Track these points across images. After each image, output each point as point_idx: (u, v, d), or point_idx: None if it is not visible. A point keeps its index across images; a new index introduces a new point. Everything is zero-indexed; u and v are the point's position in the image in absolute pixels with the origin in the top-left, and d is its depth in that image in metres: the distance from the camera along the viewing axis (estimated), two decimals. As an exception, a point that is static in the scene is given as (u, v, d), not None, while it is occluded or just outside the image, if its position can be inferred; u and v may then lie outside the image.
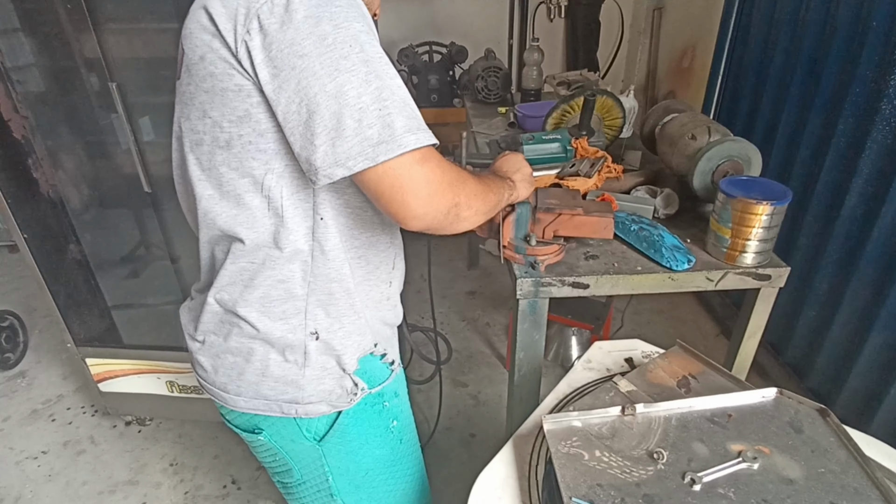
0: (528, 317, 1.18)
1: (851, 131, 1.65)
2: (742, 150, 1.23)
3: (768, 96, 2.03)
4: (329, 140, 0.64)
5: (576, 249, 1.21)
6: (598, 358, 1.09)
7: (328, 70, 0.62)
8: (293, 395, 0.82)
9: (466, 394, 2.16)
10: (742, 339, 1.25)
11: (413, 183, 0.67)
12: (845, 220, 1.69)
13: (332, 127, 0.64)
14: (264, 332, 0.79)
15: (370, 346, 0.88)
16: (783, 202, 1.07)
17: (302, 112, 0.64)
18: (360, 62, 0.64)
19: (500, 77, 2.37)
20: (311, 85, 0.63)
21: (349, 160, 0.65)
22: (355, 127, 0.63)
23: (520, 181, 1.02)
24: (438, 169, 0.69)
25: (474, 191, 0.77)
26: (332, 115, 0.63)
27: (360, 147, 0.64)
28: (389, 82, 0.65)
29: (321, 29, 0.63)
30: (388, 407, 0.93)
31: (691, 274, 1.14)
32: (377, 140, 0.64)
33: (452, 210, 0.72)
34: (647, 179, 1.46)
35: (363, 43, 0.65)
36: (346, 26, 0.64)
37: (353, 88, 0.63)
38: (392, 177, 0.66)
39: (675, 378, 0.93)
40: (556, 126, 1.66)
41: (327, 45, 0.63)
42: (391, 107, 0.64)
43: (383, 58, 0.66)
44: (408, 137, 0.65)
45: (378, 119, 0.64)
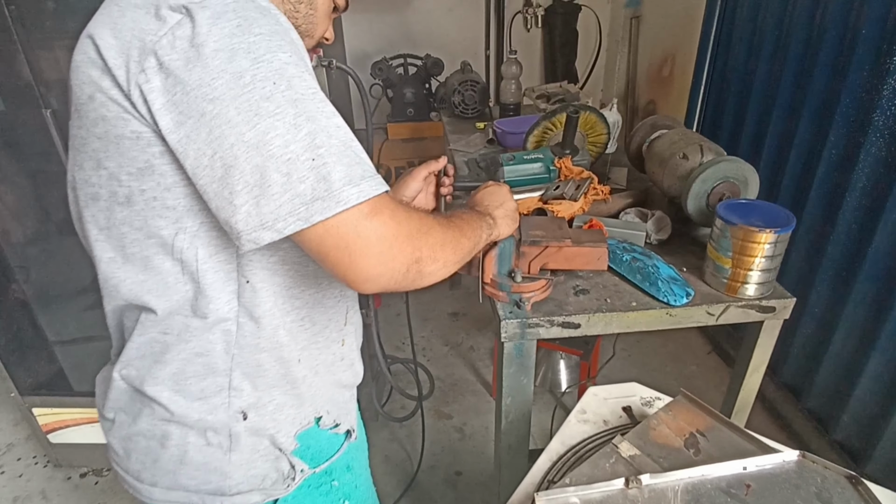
0: (514, 360, 1.07)
1: (844, 143, 1.58)
2: (738, 170, 1.14)
3: (754, 106, 1.96)
4: (252, 199, 0.54)
5: (564, 283, 1.11)
6: (593, 407, 0.98)
7: (247, 115, 0.52)
8: (218, 484, 0.70)
9: (451, 427, 2.04)
10: (745, 373, 1.16)
11: (362, 241, 0.57)
12: (840, 235, 1.62)
13: (255, 183, 0.53)
14: (179, 414, 0.67)
15: (313, 419, 0.76)
16: (787, 229, 0.98)
17: (216, 167, 0.53)
18: (286, 102, 0.53)
19: (478, 91, 2.27)
20: (225, 135, 0.52)
21: (278, 221, 0.54)
22: (283, 182, 0.53)
23: (501, 217, 0.91)
24: (393, 221, 0.59)
25: (441, 240, 0.66)
26: (254, 169, 0.53)
27: (291, 206, 0.54)
28: (325, 123, 0.55)
29: (237, 64, 0.52)
30: (336, 486, 0.81)
31: (690, 309, 1.04)
32: (311, 196, 0.54)
33: (413, 267, 0.61)
34: (636, 201, 1.37)
35: (290, 78, 0.54)
36: (269, 59, 0.53)
37: (278, 136, 0.53)
38: (335, 236, 0.56)
39: (682, 436, 0.82)
40: (537, 144, 1.56)
41: (244, 85, 0.52)
42: (327, 154, 0.54)
43: (317, 94, 0.56)
44: (348, 191, 0.55)
45: (311, 171, 0.54)
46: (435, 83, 2.85)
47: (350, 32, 2.98)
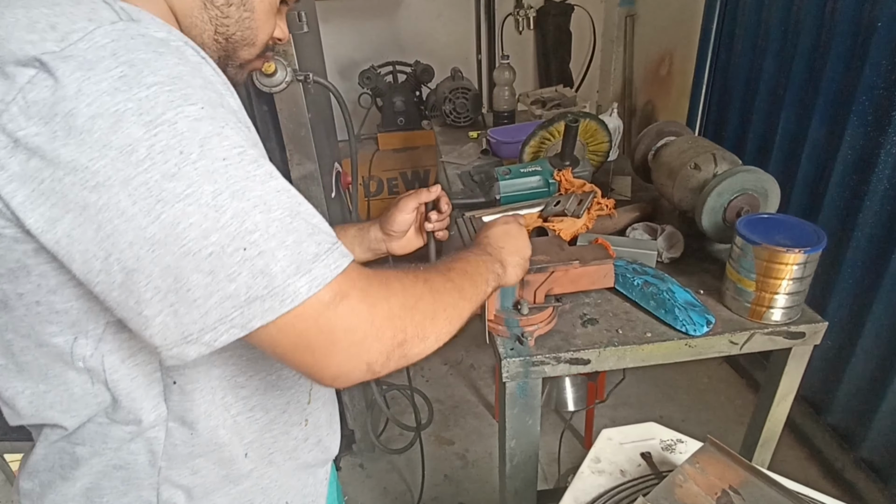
0: (517, 400, 0.97)
1: (861, 144, 1.48)
2: (757, 182, 1.04)
3: (760, 106, 1.86)
4: (167, 308, 0.42)
5: (570, 313, 1.00)
6: (607, 455, 0.88)
7: (146, 203, 0.40)
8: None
9: (453, 453, 1.93)
10: (772, 403, 1.06)
11: (325, 337, 0.45)
12: (860, 242, 1.52)
13: (169, 288, 0.41)
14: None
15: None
16: (817, 248, 0.88)
17: (113, 271, 0.41)
18: (201, 177, 0.41)
19: (470, 98, 2.17)
20: (120, 231, 0.40)
21: (205, 333, 0.42)
22: (207, 284, 0.41)
23: (513, 266, 0.77)
24: (364, 304, 0.47)
25: (431, 311, 0.54)
26: (165, 271, 0.41)
27: (221, 311, 0.42)
28: (259, 194, 0.43)
29: (125, 134, 0.39)
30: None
31: (711, 338, 0.94)
32: (246, 297, 0.42)
33: (396, 352, 0.50)
34: (643, 214, 1.27)
35: (204, 141, 0.41)
36: (171, 119, 0.40)
37: (193, 225, 0.40)
38: (290, 335, 0.45)
39: (714, 494, 0.72)
40: (534, 156, 1.46)
41: (138, 162, 0.39)
42: (264, 239, 0.42)
43: (244, 153, 0.43)
44: (296, 283, 0.43)
45: (243, 264, 0.42)
46: (426, 91, 2.76)
47: (335, 40, 2.88)
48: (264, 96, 1.30)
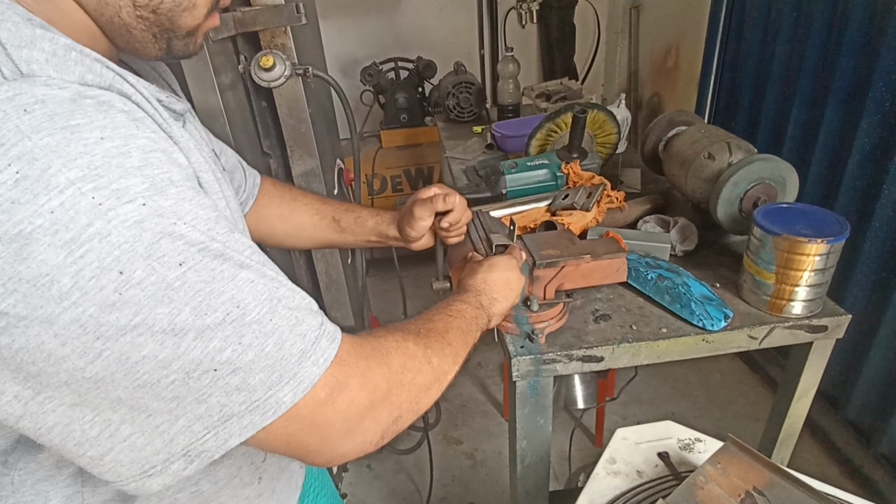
0: (528, 400, 0.94)
1: (878, 131, 1.44)
2: (774, 170, 1.00)
3: (772, 94, 1.82)
4: (120, 443, 0.36)
5: (582, 308, 0.97)
6: (623, 455, 0.85)
7: (79, 343, 0.33)
8: None
9: (461, 453, 1.90)
10: (792, 400, 1.02)
11: (320, 433, 0.42)
12: (878, 231, 1.48)
13: (122, 420, 0.36)
14: None
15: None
16: (840, 238, 0.85)
17: (45, 412, 0.35)
18: (152, 298, 0.33)
19: (473, 93, 2.14)
20: (48, 374, 0.33)
21: (171, 462, 0.38)
22: (171, 409, 0.36)
23: (497, 317, 0.73)
24: (363, 392, 0.44)
25: (426, 382, 0.51)
26: (114, 404, 0.35)
27: (190, 436, 0.37)
28: (228, 296, 0.36)
29: (37, 262, 0.31)
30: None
31: (729, 333, 0.90)
32: (220, 416, 0.37)
33: (391, 428, 0.47)
34: (654, 206, 1.23)
35: (151, 245, 0.33)
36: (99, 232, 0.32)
37: (147, 358, 0.34)
38: (282, 437, 0.41)
39: (737, 496, 0.68)
40: (541, 149, 1.43)
41: (61, 298, 0.32)
42: (236, 355, 0.36)
43: (206, 247, 0.36)
44: (279, 393, 0.38)
45: (214, 385, 0.36)
46: (428, 87, 2.73)
47: (336, 37, 2.85)
48: (263, 91, 1.27)
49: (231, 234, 0.39)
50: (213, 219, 0.38)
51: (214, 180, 0.46)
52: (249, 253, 0.40)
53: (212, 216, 0.38)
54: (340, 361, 0.43)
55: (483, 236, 0.88)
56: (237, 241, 0.39)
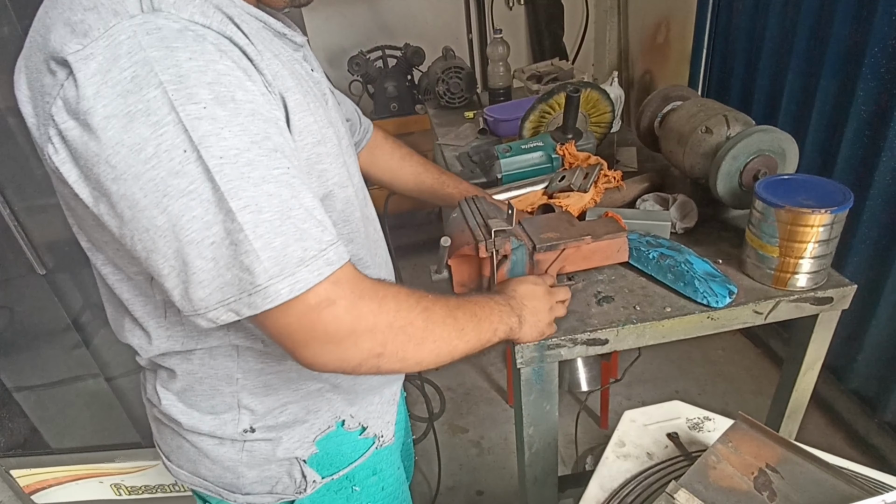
0: (534, 387, 0.92)
1: (875, 98, 1.42)
2: (774, 142, 0.98)
3: (766, 66, 1.79)
4: (181, 284, 0.48)
5: (583, 291, 0.96)
6: (632, 437, 0.84)
7: (154, 197, 0.45)
8: (232, 481, 0.70)
9: (468, 441, 1.90)
10: (798, 373, 1.01)
11: (305, 333, 0.51)
12: (876, 199, 1.46)
13: (180, 269, 0.47)
14: (190, 426, 0.68)
15: (335, 424, 0.74)
16: (844, 207, 0.83)
17: (138, 249, 0.48)
18: (201, 176, 0.45)
19: (463, 77, 2.10)
20: (137, 219, 0.46)
21: (209, 311, 0.49)
22: (210, 269, 0.47)
23: (530, 325, 0.77)
24: (349, 315, 0.52)
25: (418, 339, 0.58)
26: (175, 254, 0.47)
27: (221, 295, 0.48)
28: (251, 195, 0.46)
29: (134, 134, 0.44)
30: (358, 492, 0.78)
31: (734, 309, 0.89)
32: (238, 289, 0.47)
33: (371, 361, 0.55)
34: (652, 185, 1.21)
35: (202, 140, 0.44)
36: (174, 120, 0.44)
37: (195, 218, 0.46)
38: (276, 326, 0.50)
39: (750, 474, 0.67)
40: (535, 131, 1.40)
41: (146, 160, 0.44)
42: (250, 239, 0.46)
43: (241, 154, 0.46)
44: (276, 286, 0.47)
45: (234, 259, 0.47)
46: (417, 74, 2.69)
47: (320, 27, 2.80)
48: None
49: (272, 152, 0.48)
50: (261, 134, 0.48)
51: (305, 101, 0.57)
52: (280, 172, 0.48)
53: (260, 132, 0.48)
54: (336, 282, 0.51)
55: (481, 222, 0.86)
56: (273, 158, 0.48)
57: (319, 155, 0.60)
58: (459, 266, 0.86)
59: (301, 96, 0.56)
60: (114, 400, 1.50)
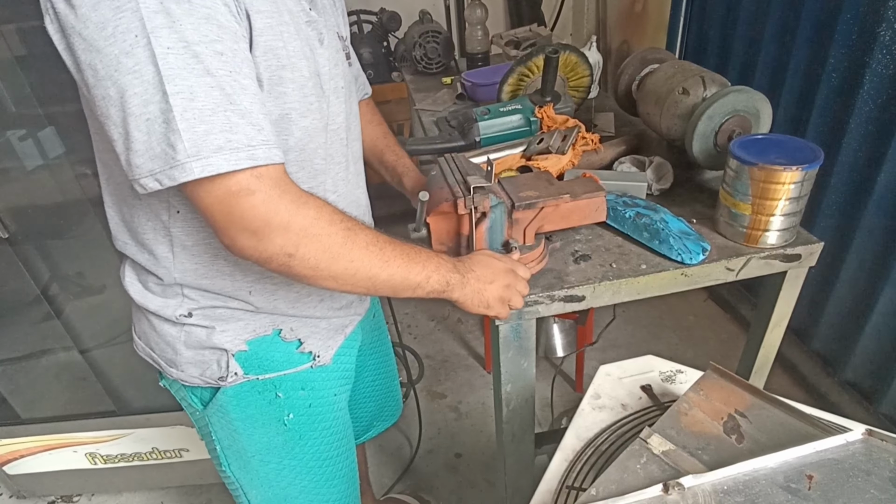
0: (511, 344, 0.94)
1: (845, 65, 1.45)
2: (748, 102, 0.99)
3: (741, 34, 1.81)
4: (125, 151, 0.55)
5: (561, 250, 0.96)
6: (607, 390, 0.86)
7: (109, 70, 0.52)
8: (171, 357, 0.78)
9: (446, 406, 1.93)
10: (765, 330, 1.04)
11: (223, 215, 0.57)
12: (844, 164, 1.50)
13: (125, 137, 0.54)
14: (140, 302, 0.76)
15: (272, 330, 0.79)
16: (814, 165, 0.85)
17: (99, 114, 0.55)
18: (146, 59, 0.51)
19: (441, 42, 2.06)
20: (98, 86, 0.53)
21: (141, 178, 0.56)
22: (145, 140, 0.54)
23: (472, 290, 0.76)
24: (264, 207, 0.57)
25: (333, 253, 0.62)
26: (122, 122, 0.54)
27: (151, 165, 0.55)
28: (189, 84, 0.52)
29: (100, 13, 0.51)
30: (281, 398, 0.83)
31: (707, 266, 0.91)
32: (163, 161, 0.54)
33: (281, 259, 0.60)
34: (629, 148, 1.22)
35: (155, 29, 0.51)
36: (131, 7, 0.50)
37: (136, 95, 0.52)
38: (202, 201, 0.57)
39: (720, 419, 0.70)
40: (513, 94, 1.39)
41: (107, 37, 0.51)
42: (178, 119, 0.52)
43: (189, 47, 0.52)
44: (192, 164, 0.53)
45: (163, 135, 0.53)
46: (393, 41, 2.63)
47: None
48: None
49: (218, 54, 0.53)
50: (211, 36, 0.53)
51: (276, 26, 0.61)
52: (224, 73, 0.54)
53: (210, 34, 0.53)
54: (259, 176, 0.56)
55: (460, 179, 0.85)
56: (218, 59, 0.54)
57: (282, 78, 0.64)
58: (438, 223, 0.86)
59: (272, 20, 0.61)
60: (87, 371, 1.47)
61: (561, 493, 0.72)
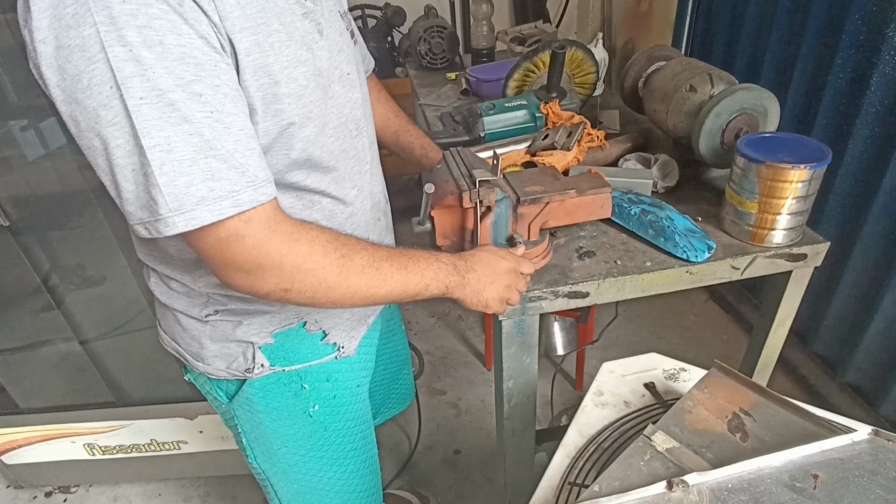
0: (514, 339, 0.93)
1: (853, 65, 1.44)
2: (756, 100, 0.99)
3: (748, 34, 1.79)
4: (117, 198, 0.55)
5: (565, 246, 0.96)
6: (610, 387, 0.85)
7: (90, 122, 0.51)
8: (197, 350, 0.78)
9: (445, 403, 1.92)
10: (769, 330, 1.04)
11: (216, 261, 0.58)
12: (850, 165, 1.50)
13: (114, 186, 0.54)
14: (165, 301, 0.76)
15: (297, 322, 0.79)
16: (822, 164, 0.84)
17: (89, 161, 0.54)
18: (122, 113, 0.50)
19: (446, 37, 2.06)
20: (80, 137, 0.53)
21: (135, 226, 0.55)
22: (133, 191, 0.53)
23: (473, 291, 0.75)
24: (256, 251, 0.57)
25: (328, 285, 0.62)
26: (109, 172, 0.53)
27: (140, 214, 0.54)
28: (165, 135, 0.51)
29: (73, 66, 0.49)
30: (307, 390, 0.83)
31: (713, 264, 0.90)
32: (149, 213, 0.53)
33: (279, 294, 0.61)
34: (635, 145, 1.21)
35: (126, 79, 0.49)
36: (102, 58, 0.48)
37: (119, 147, 0.51)
38: (195, 249, 0.58)
39: (724, 417, 0.69)
40: (518, 89, 1.38)
41: (83, 89, 0.50)
42: (157, 174, 0.51)
43: (163, 96, 0.50)
44: (174, 219, 0.53)
45: (145, 189, 0.52)
46: (398, 36, 2.62)
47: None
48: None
49: (196, 96, 0.51)
50: (188, 78, 0.51)
51: (266, 42, 0.58)
52: (203, 116, 0.52)
53: (187, 75, 0.51)
54: (247, 220, 0.56)
55: (465, 172, 0.85)
56: (197, 102, 0.51)
57: (276, 95, 0.60)
58: (442, 217, 0.85)
59: (258, 36, 0.57)
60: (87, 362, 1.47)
61: (563, 490, 0.71)
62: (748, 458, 0.61)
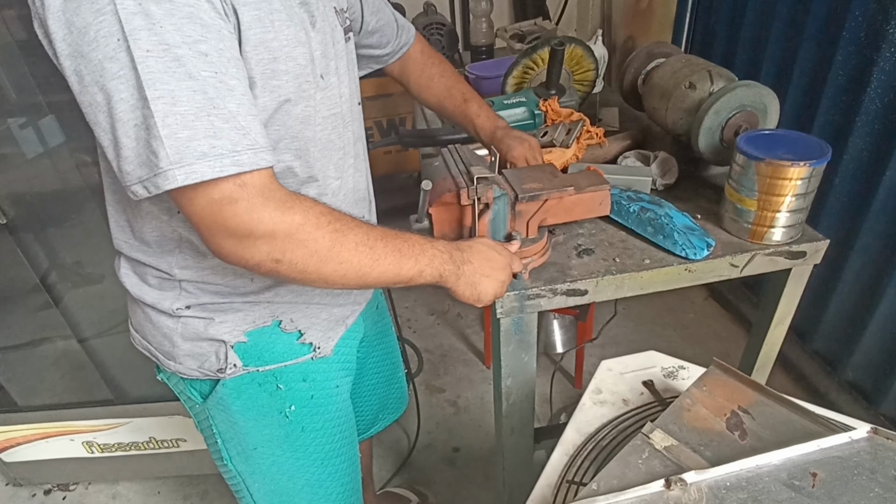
0: (512, 337, 0.93)
1: (853, 63, 1.43)
2: (756, 97, 0.98)
3: (747, 32, 1.79)
4: (116, 157, 0.54)
5: (564, 244, 0.96)
6: (609, 385, 0.85)
7: (94, 76, 0.51)
8: (168, 349, 0.77)
9: (444, 401, 1.92)
10: (768, 327, 1.04)
11: (208, 225, 0.56)
12: (850, 164, 1.49)
13: (114, 143, 0.53)
14: (137, 295, 0.75)
15: (271, 321, 0.78)
16: (822, 161, 0.84)
17: (89, 120, 0.54)
18: (128, 65, 0.50)
19: (445, 34, 2.05)
20: (84, 92, 0.52)
21: (132, 185, 0.55)
22: (134, 147, 0.53)
23: (467, 282, 0.74)
24: (248, 216, 0.56)
25: (321, 257, 0.60)
26: (110, 128, 0.53)
27: (140, 172, 0.54)
28: (171, 88, 0.51)
29: (81, 18, 0.49)
30: (282, 390, 0.82)
31: (712, 262, 0.90)
32: (149, 168, 0.53)
33: (269, 265, 0.59)
34: (634, 143, 1.21)
35: (134, 31, 0.49)
36: (110, 10, 0.49)
37: (122, 101, 0.51)
38: (187, 212, 0.56)
39: (723, 415, 0.69)
40: (518, 87, 1.38)
41: (89, 42, 0.50)
42: (158, 126, 0.51)
43: (170, 50, 0.50)
44: (174, 171, 0.52)
45: (147, 142, 0.52)
46: (397, 32, 2.61)
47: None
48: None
49: (202, 55, 0.52)
50: (195, 37, 0.51)
51: (267, 18, 0.59)
52: (208, 75, 0.52)
53: (194, 34, 0.51)
54: (242, 184, 0.55)
55: (463, 169, 0.84)
56: (202, 61, 0.52)
57: (275, 71, 0.61)
58: (440, 214, 0.85)
59: (260, 11, 0.58)
60: (85, 360, 1.46)
61: (561, 488, 0.71)
62: (747, 456, 0.60)
